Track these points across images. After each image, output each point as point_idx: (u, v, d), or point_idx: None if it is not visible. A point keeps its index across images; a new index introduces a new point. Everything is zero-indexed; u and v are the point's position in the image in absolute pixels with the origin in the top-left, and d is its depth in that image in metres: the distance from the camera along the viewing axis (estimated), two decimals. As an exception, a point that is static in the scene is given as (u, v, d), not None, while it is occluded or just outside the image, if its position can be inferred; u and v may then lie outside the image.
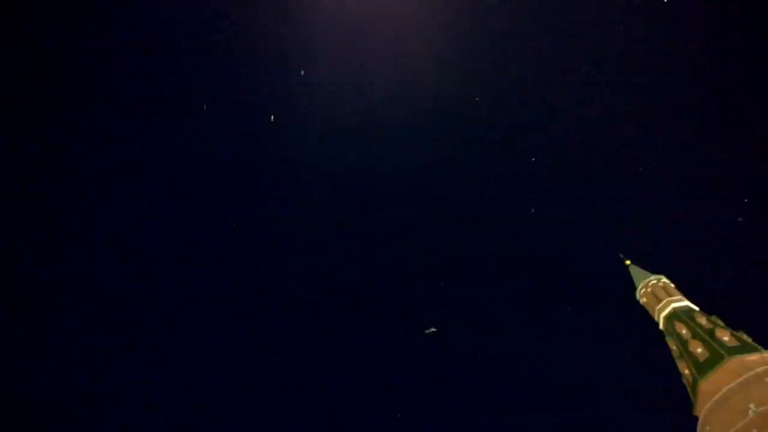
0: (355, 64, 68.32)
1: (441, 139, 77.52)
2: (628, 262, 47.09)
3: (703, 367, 34.01)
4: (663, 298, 40.69)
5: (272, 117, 63.74)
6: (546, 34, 66.51)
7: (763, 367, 31.58)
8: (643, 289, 42.99)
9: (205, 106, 67.05)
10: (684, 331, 36.57)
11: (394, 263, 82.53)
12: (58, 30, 61.20)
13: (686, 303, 39.73)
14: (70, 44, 62.57)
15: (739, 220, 62.21)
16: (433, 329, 61.29)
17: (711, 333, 35.22)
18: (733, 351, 33.32)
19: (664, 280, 42.73)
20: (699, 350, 34.73)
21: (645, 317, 42.30)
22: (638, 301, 43.53)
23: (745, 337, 34.68)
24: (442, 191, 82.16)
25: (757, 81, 61.32)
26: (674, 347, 36.97)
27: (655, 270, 44.47)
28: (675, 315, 38.65)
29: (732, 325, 36.07)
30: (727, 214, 67.86)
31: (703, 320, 36.60)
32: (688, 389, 35.19)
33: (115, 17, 63.29)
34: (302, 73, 68.18)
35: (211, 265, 76.38)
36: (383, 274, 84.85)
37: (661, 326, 39.83)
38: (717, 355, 33.66)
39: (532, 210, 74.17)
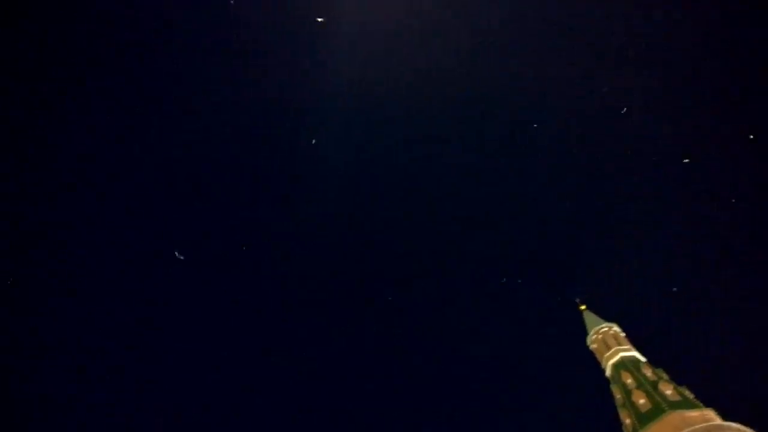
0: (355, 63, 68.11)
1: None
2: (583, 307, 46.77)
3: (644, 418, 33.31)
4: (612, 346, 40.21)
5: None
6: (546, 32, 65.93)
7: (702, 424, 30.93)
8: (594, 336, 42.56)
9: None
10: (629, 381, 36.04)
11: (383, 264, 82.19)
12: (58, 30, 60.41)
13: (634, 353, 39.26)
14: (69, 44, 61.80)
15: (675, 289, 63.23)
16: (180, 256, 60.70)
17: (655, 385, 34.75)
18: (674, 405, 32.79)
19: (616, 328, 42.36)
20: (642, 401, 34.19)
21: (593, 363, 41.95)
22: (588, 347, 43.20)
23: (687, 392, 34.25)
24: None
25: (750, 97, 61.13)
26: (618, 396, 36.37)
27: (608, 318, 44.30)
28: (622, 364, 38.10)
29: (676, 379, 35.93)
30: (687, 269, 68.63)
31: (648, 372, 36.22)
32: (628, 439, 34.65)
33: (119, 17, 62.70)
34: (302, 71, 68.15)
35: (210, 265, 75.27)
36: (375, 274, 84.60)
37: (607, 373, 39.33)
38: (658, 408, 33.10)
39: (504, 280, 74.68)
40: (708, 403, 33.06)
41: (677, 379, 35.60)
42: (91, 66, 63.69)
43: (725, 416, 32.04)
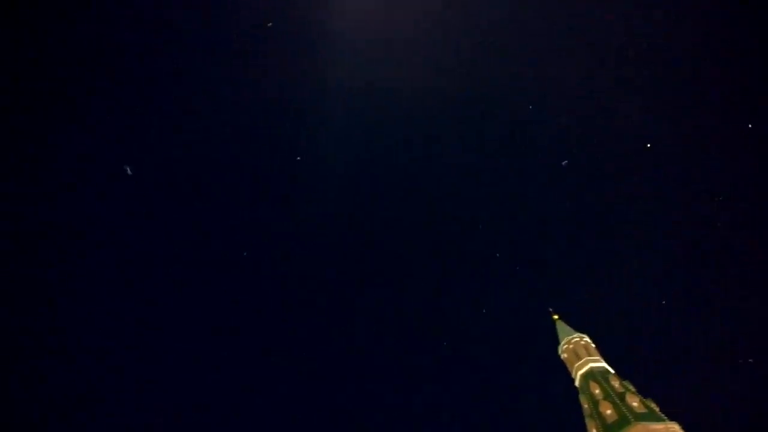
0: (356, 63, 67.62)
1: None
2: (556, 316, 46.95)
3: (610, 429, 33.41)
4: (583, 356, 40.48)
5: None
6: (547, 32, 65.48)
7: (666, 438, 31.68)
8: (566, 345, 42.77)
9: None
10: (597, 391, 36.26)
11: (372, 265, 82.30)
12: (58, 30, 59.28)
13: (603, 364, 39.55)
14: (70, 44, 60.74)
15: (663, 303, 63.73)
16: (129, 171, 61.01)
17: (622, 397, 35.00)
18: (640, 417, 33.04)
19: (587, 339, 42.62)
20: (609, 412, 34.40)
21: (564, 372, 42.19)
22: (559, 356, 43.42)
23: (653, 405, 34.57)
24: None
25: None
26: (586, 405, 36.56)
27: (579, 328, 44.60)
28: (591, 374, 38.34)
29: (643, 392, 36.23)
30: (661, 284, 69.35)
31: (616, 383, 36.45)
32: (593, 449, 34.80)
33: (119, 17, 61.83)
34: (302, 71, 67.54)
35: (210, 265, 74.73)
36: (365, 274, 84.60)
37: (576, 383, 39.54)
38: (625, 420, 33.32)
39: (484, 310, 75.10)
40: (673, 417, 33.43)
41: (643, 392, 35.98)
42: (91, 66, 62.91)
43: (689, 430, 32.43)
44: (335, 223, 78.34)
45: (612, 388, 36.13)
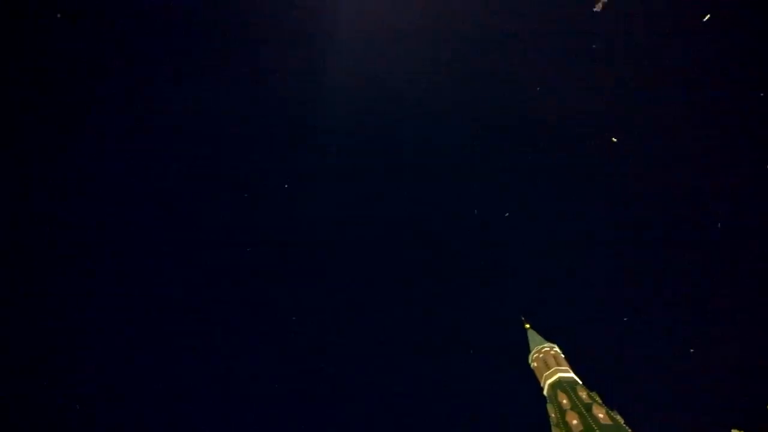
0: (355, 63, 67.35)
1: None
2: (527, 325, 47.29)
3: (576, 440, 33.98)
4: (552, 366, 40.79)
5: None
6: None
7: (630, 449, 32.06)
8: (536, 354, 43.11)
9: None
10: (564, 402, 36.55)
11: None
12: (60, 30, 57.92)
13: (572, 375, 39.90)
14: (70, 45, 59.38)
15: (625, 319, 64.93)
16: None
17: (588, 408, 35.32)
18: (605, 429, 33.36)
19: (556, 349, 42.98)
20: (575, 422, 34.66)
21: (533, 380, 42.45)
22: (529, 365, 43.68)
23: (618, 417, 34.92)
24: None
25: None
26: (553, 415, 36.82)
27: (550, 338, 44.93)
28: (559, 384, 38.70)
29: (609, 403, 36.61)
30: (633, 299, 70.45)
31: (583, 394, 36.75)
32: (558, 458, 35.02)
33: (120, 17, 60.78)
34: (301, 71, 67.19)
35: (210, 266, 73.86)
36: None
37: (545, 392, 39.82)
38: (590, 430, 33.77)
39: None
40: (637, 429, 33.82)
41: (610, 404, 36.35)
42: (91, 68, 61.86)
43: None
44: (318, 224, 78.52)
45: (579, 398, 36.41)
